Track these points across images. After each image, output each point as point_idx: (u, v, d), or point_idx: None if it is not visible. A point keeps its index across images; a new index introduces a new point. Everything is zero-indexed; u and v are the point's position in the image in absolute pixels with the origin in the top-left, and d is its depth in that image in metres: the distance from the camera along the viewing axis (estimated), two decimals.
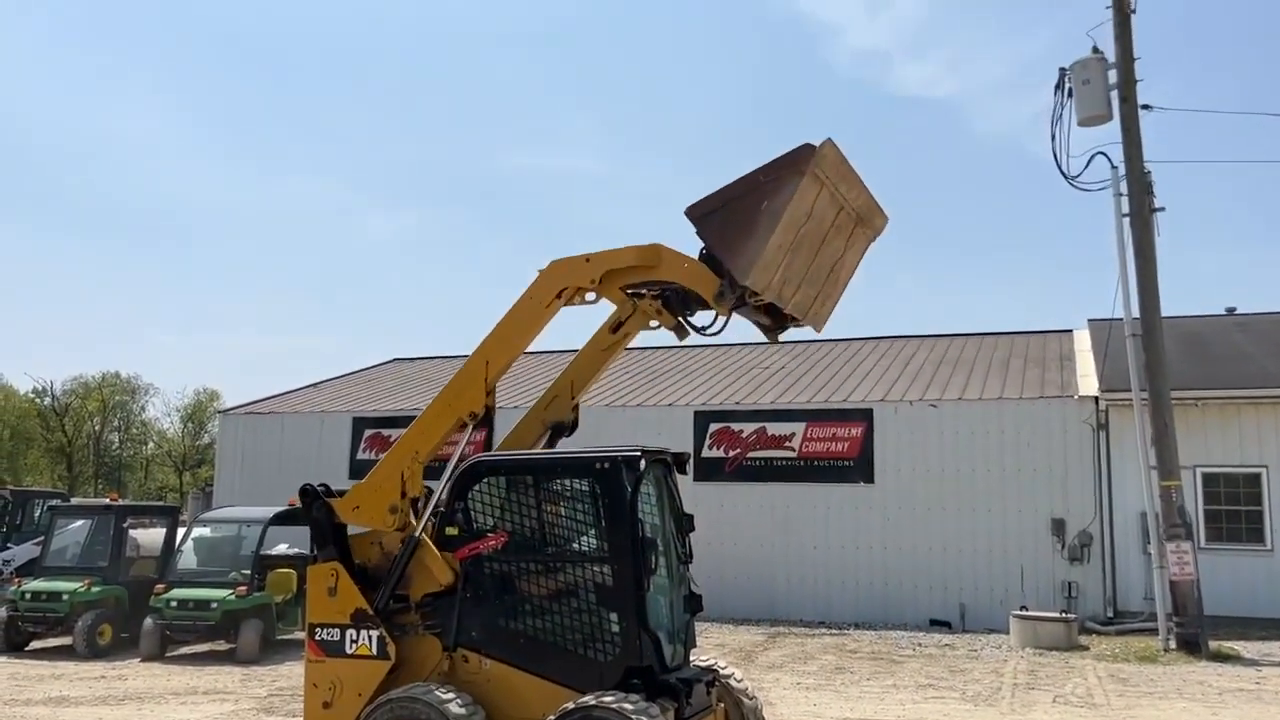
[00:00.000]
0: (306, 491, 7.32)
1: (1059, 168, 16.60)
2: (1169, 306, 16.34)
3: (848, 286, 7.64)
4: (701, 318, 7.39)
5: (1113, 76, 16.30)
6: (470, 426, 7.22)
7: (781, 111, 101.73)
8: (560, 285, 7.18)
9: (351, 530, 7.35)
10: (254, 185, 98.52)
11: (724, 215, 6.57)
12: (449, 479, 7.10)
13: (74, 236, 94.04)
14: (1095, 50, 16.45)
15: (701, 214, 6.65)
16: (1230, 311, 24.45)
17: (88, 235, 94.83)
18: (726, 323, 7.21)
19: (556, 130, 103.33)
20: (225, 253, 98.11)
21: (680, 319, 7.46)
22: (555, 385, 7.91)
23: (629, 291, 7.39)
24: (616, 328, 7.64)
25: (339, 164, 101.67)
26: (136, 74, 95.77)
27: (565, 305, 7.25)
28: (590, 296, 7.33)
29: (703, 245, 6.81)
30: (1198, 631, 14.68)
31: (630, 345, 8.18)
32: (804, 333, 7.76)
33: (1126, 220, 16.17)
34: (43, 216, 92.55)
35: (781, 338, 7.73)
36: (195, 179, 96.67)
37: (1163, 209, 16.21)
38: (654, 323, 7.53)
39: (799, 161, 6.45)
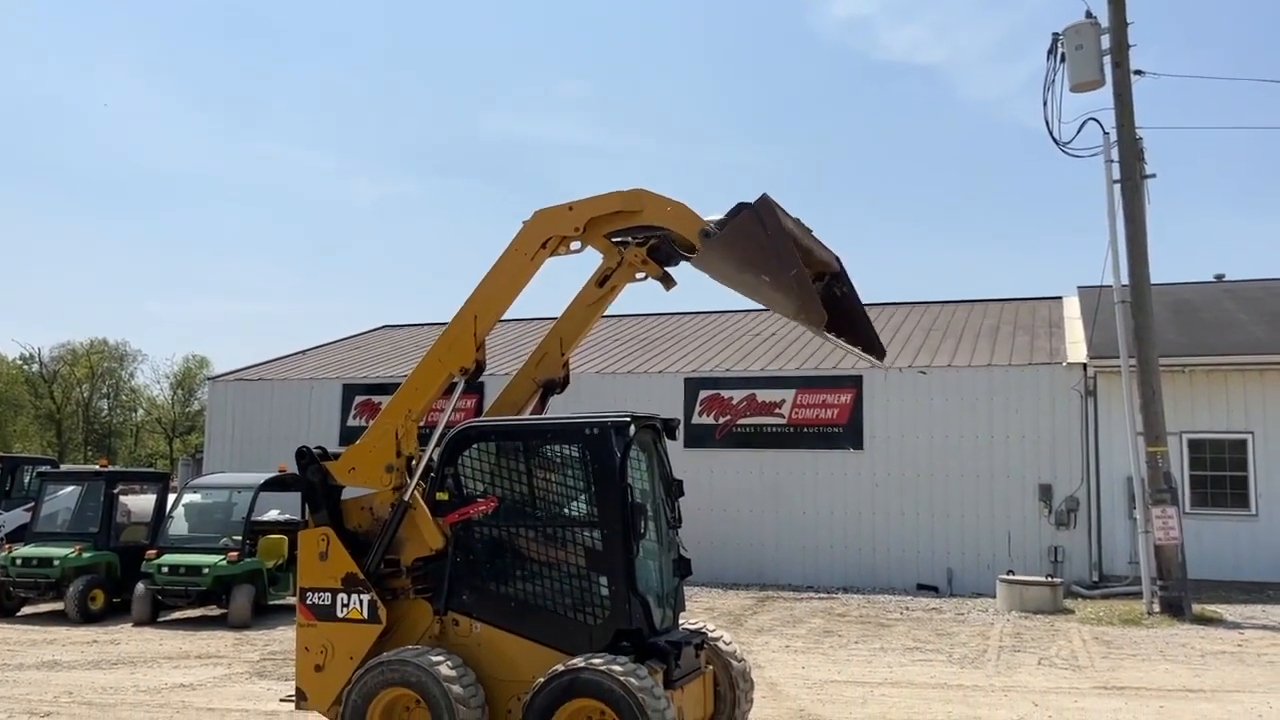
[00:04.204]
0: (302, 454, 7.31)
1: (1051, 134, 16.59)
2: (1158, 273, 16.41)
3: None
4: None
5: (1105, 41, 16.22)
6: (461, 383, 7.21)
7: (766, 78, 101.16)
8: (545, 235, 7.13)
9: (347, 493, 7.36)
10: (239, 151, 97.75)
11: (758, 237, 6.42)
12: (436, 444, 7.10)
13: (59, 203, 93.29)
14: (1088, 15, 16.36)
15: (759, 213, 6.46)
16: (1219, 278, 24.53)
17: (72, 201, 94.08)
18: None
19: (541, 96, 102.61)
20: (211, 219, 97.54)
21: (666, 269, 7.44)
22: (544, 343, 7.87)
23: (614, 239, 7.35)
24: (603, 281, 7.60)
25: (325, 129, 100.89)
26: (120, 39, 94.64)
27: (551, 255, 7.19)
28: (575, 245, 7.27)
29: (734, 210, 6.69)
30: (1181, 595, 14.85)
31: (620, 313, 8.18)
32: None
33: (1117, 187, 16.17)
34: (26, 183, 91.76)
35: None
36: (179, 145, 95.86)
37: (1154, 175, 16.26)
38: (640, 274, 7.49)
39: (805, 309, 6.35)
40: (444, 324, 7.23)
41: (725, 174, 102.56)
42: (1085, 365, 18.41)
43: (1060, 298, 24.54)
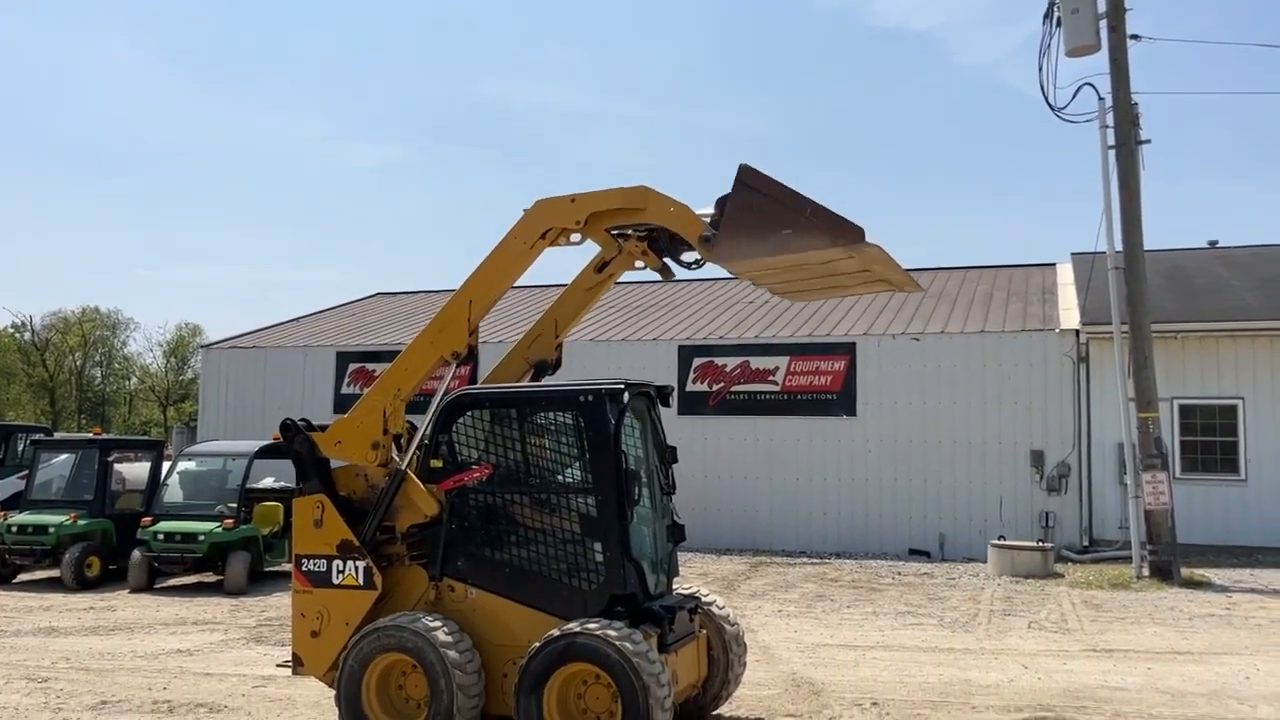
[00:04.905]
0: (287, 426, 7.35)
1: (1046, 99, 16.52)
2: (1152, 239, 16.44)
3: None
4: (689, 254, 7.36)
5: (1102, 5, 16.11)
6: (453, 365, 7.23)
7: (763, 45, 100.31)
8: (545, 226, 7.12)
9: (336, 462, 7.38)
10: (233, 117, 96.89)
11: (757, 202, 6.36)
12: (434, 414, 7.11)
13: (48, 169, 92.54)
14: None
15: (746, 183, 6.43)
16: (1212, 244, 24.54)
17: (63, 169, 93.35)
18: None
19: (536, 61, 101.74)
20: (205, 186, 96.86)
21: (666, 261, 7.43)
22: (539, 324, 7.90)
23: (614, 233, 7.34)
24: (601, 267, 7.62)
25: (319, 96, 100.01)
26: (112, 4, 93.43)
27: (550, 246, 7.21)
28: (575, 238, 7.27)
29: (723, 198, 6.66)
30: (1170, 559, 14.98)
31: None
32: None
33: (1112, 152, 16.12)
34: (16, 150, 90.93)
35: None
36: (173, 111, 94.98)
37: (1148, 141, 16.20)
38: (639, 263, 7.50)
39: (840, 234, 6.18)
40: (438, 291, 7.26)
41: (722, 140, 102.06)
42: (1078, 332, 18.45)
43: (1054, 264, 24.55)
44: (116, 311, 67.24)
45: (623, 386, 6.83)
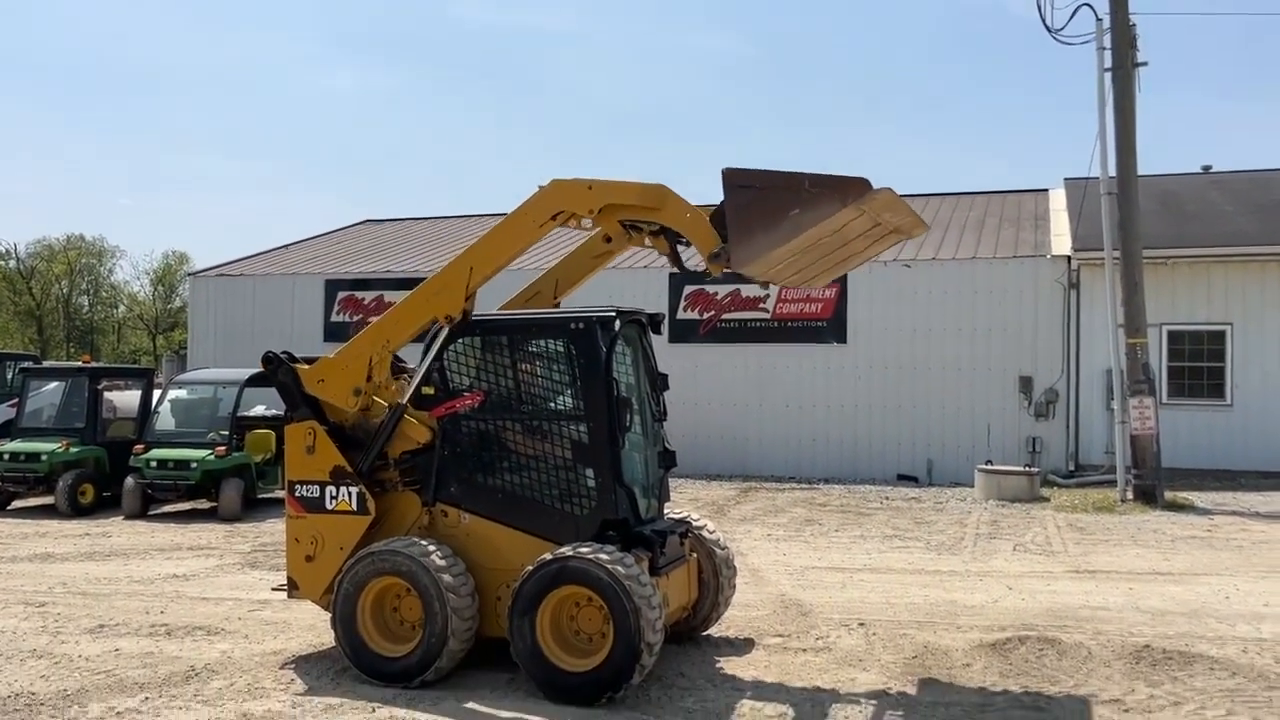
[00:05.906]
0: (269, 359, 7.37)
1: (1043, 20, 16.26)
2: (1146, 164, 16.29)
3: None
4: (695, 256, 7.27)
5: None
6: (446, 328, 7.17)
7: None
8: (558, 208, 7.03)
9: None
10: (215, 42, 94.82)
11: (754, 198, 6.29)
12: (438, 349, 7.10)
13: (26, 95, 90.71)
14: None
15: (736, 184, 6.38)
16: (1206, 169, 24.38)
17: (43, 93, 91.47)
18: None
19: None
20: (185, 110, 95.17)
21: (675, 248, 7.31)
22: (539, 281, 7.86)
23: (626, 224, 7.24)
24: (609, 238, 7.54)
25: (303, 19, 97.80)
26: None
27: (559, 226, 7.14)
28: (586, 223, 7.19)
29: (718, 209, 6.56)
30: (1155, 483, 15.17)
31: None
32: None
33: (1108, 75, 15.93)
34: None
35: None
36: (152, 35, 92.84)
37: (1145, 63, 16.00)
38: (648, 241, 7.41)
39: (848, 191, 6.10)
40: (426, 218, 7.16)
41: (707, 61, 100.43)
42: (1069, 258, 18.42)
43: (1046, 190, 24.38)
44: (101, 239, 66.64)
45: (614, 314, 6.83)
